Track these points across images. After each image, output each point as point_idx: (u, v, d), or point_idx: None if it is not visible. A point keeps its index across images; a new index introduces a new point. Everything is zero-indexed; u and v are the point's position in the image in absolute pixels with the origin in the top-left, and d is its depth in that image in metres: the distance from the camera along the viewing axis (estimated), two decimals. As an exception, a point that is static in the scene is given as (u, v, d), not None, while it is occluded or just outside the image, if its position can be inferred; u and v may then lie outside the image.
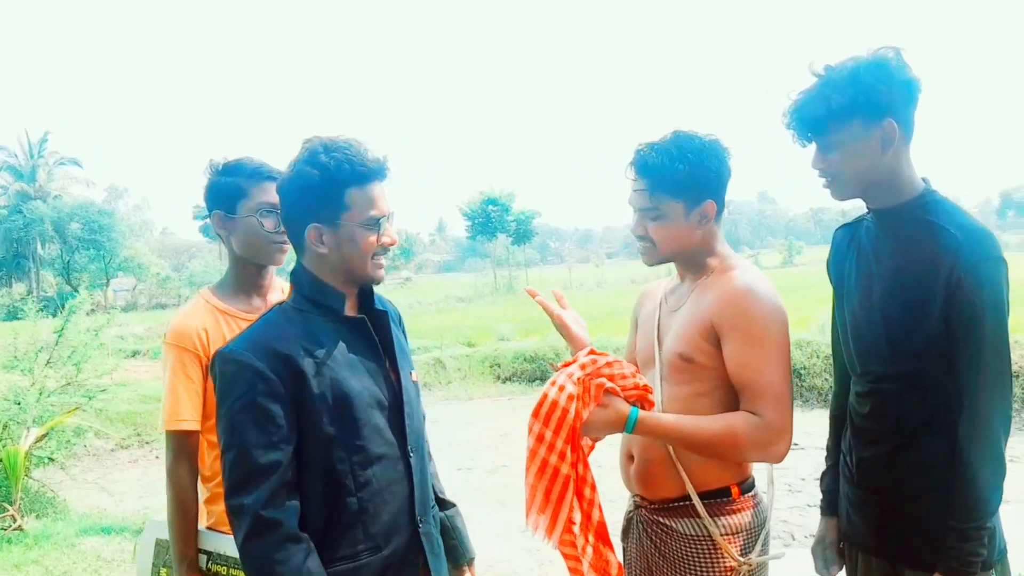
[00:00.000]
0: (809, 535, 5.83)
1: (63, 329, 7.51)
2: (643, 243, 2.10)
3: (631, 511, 2.19)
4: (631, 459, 2.13)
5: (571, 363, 1.93)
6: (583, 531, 1.88)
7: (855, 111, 1.82)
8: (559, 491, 1.85)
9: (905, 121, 1.85)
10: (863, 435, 2.03)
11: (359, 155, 1.75)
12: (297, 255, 1.85)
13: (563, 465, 1.84)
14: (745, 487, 2.04)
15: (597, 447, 2.04)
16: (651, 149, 2.01)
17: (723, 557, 1.98)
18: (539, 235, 54.87)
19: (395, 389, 1.85)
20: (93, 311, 9.04)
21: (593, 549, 1.90)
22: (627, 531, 2.21)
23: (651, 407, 1.96)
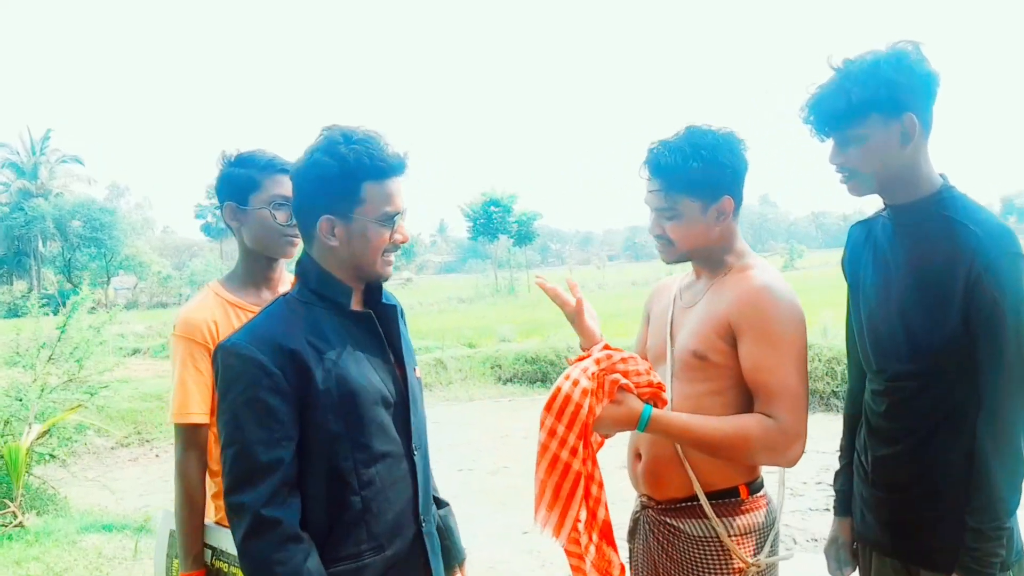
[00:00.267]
0: (811, 539, 5.81)
1: (65, 325, 7.52)
2: (661, 242, 2.07)
3: (638, 511, 2.16)
4: (639, 458, 2.10)
5: (585, 357, 1.91)
6: (588, 529, 1.86)
7: (875, 105, 1.80)
8: (569, 488, 1.83)
9: (924, 115, 1.84)
10: (879, 434, 2.01)
11: (379, 149, 1.71)
12: (305, 245, 1.81)
13: (575, 461, 1.82)
14: (754, 487, 2.01)
15: (609, 448, 2.02)
16: (664, 147, 1.98)
17: (731, 559, 1.95)
18: (540, 237, 54.83)
19: (400, 386, 1.82)
20: (94, 309, 9.03)
21: (596, 548, 1.88)
22: (633, 532, 2.18)
23: (664, 405, 1.94)
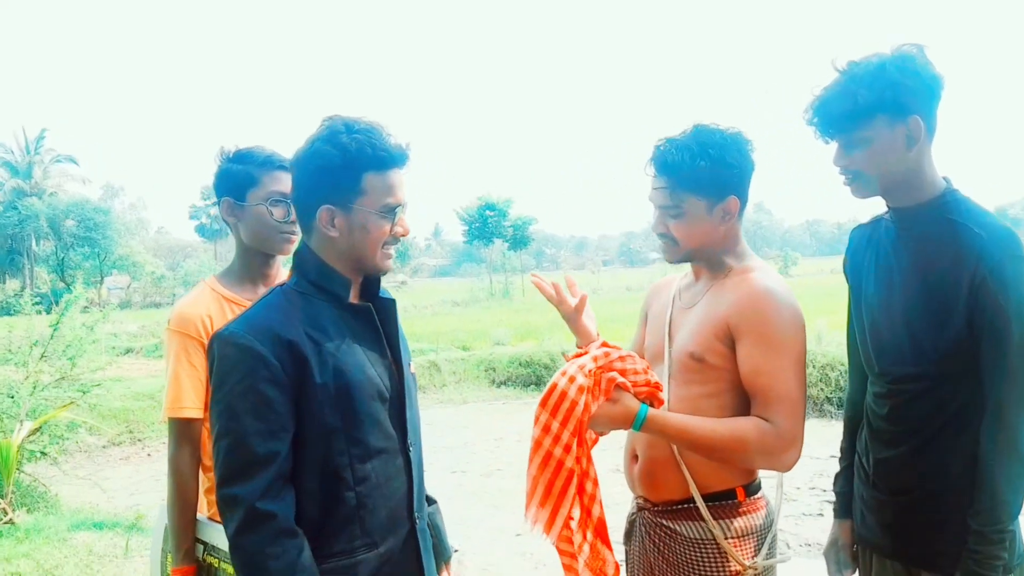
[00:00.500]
0: (805, 544, 5.82)
1: (58, 323, 7.49)
2: (664, 241, 2.05)
3: (634, 513, 2.15)
4: (635, 459, 2.09)
5: (583, 354, 1.89)
6: (581, 528, 1.84)
7: (881, 107, 1.79)
8: (561, 485, 1.81)
9: (929, 118, 1.83)
10: (881, 436, 2.00)
11: (381, 139, 1.68)
12: (304, 235, 1.78)
13: (568, 459, 1.80)
14: (751, 489, 1.99)
15: (600, 451, 2.01)
16: (671, 145, 1.97)
17: (728, 561, 1.93)
18: (535, 241, 54.82)
19: (396, 381, 1.79)
20: (87, 308, 9.00)
21: (590, 547, 1.86)
22: (629, 534, 2.17)
23: (661, 405, 1.92)
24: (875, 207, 2.07)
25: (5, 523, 5.84)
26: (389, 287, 1.89)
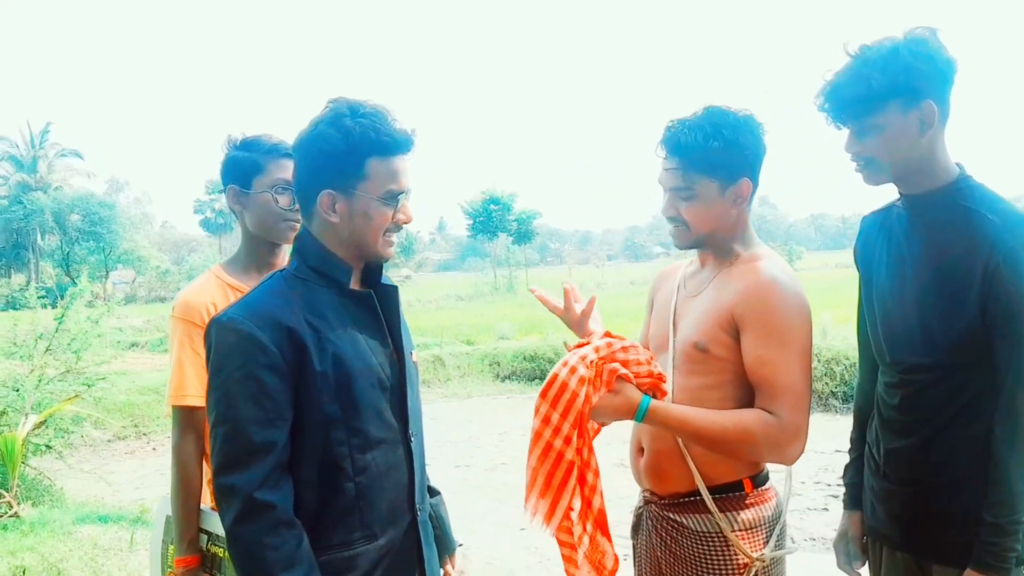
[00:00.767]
0: (810, 538, 5.81)
1: (63, 316, 7.50)
2: (675, 225, 2.01)
3: (641, 507, 2.12)
4: (641, 452, 2.07)
5: (584, 344, 1.87)
6: (582, 519, 1.82)
7: (895, 92, 1.76)
8: (561, 477, 1.79)
9: (943, 103, 1.80)
10: (892, 426, 1.97)
11: (386, 124, 1.65)
12: (304, 220, 1.75)
13: (568, 450, 1.78)
14: (758, 480, 1.97)
15: (605, 445, 1.98)
16: (683, 126, 1.93)
17: (736, 554, 1.91)
18: (539, 235, 54.87)
19: (397, 369, 1.76)
20: (92, 303, 9.02)
21: (590, 539, 1.84)
22: (636, 528, 2.14)
23: (664, 396, 1.90)
24: (883, 197, 2.04)
25: (10, 516, 5.85)
26: (393, 281, 1.87)
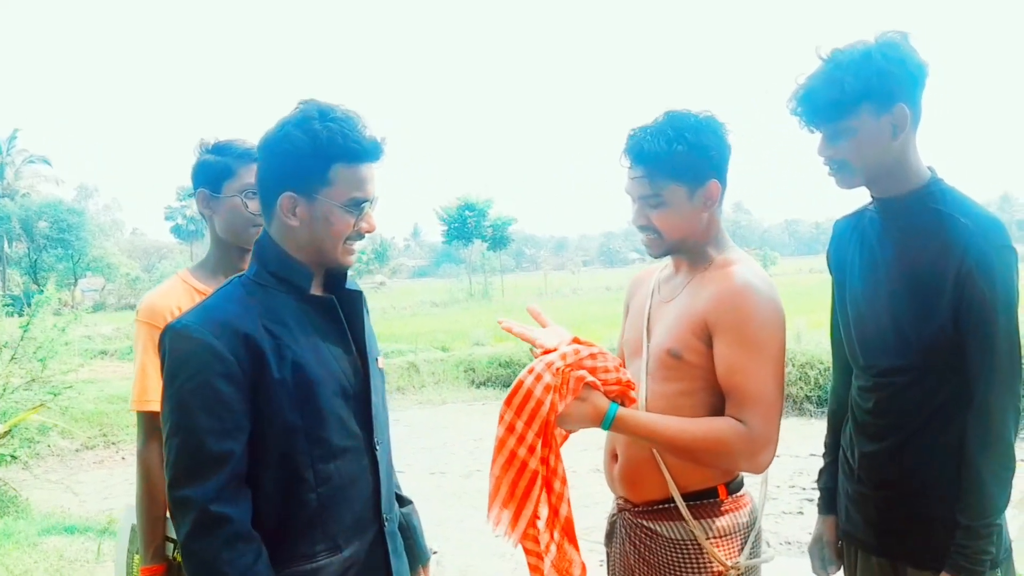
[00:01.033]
0: (785, 542, 5.83)
1: (29, 324, 7.39)
2: (647, 233, 1.98)
3: (614, 514, 2.10)
4: (615, 459, 2.04)
5: (552, 351, 1.84)
6: (549, 527, 1.80)
7: (868, 95, 1.76)
8: (525, 486, 1.76)
9: (915, 107, 1.81)
10: (866, 430, 1.97)
11: (355, 131, 1.62)
12: (264, 222, 1.72)
13: (532, 459, 1.76)
14: (733, 487, 1.95)
15: (581, 451, 1.96)
16: (645, 133, 1.91)
17: (710, 562, 1.88)
18: (515, 241, 54.86)
19: (361, 376, 1.72)
20: (60, 311, 8.89)
21: (557, 547, 1.82)
22: (610, 535, 2.11)
23: (632, 404, 1.88)
24: (857, 203, 2.04)
25: (-27, 528, 5.73)
26: (367, 288, 1.84)
